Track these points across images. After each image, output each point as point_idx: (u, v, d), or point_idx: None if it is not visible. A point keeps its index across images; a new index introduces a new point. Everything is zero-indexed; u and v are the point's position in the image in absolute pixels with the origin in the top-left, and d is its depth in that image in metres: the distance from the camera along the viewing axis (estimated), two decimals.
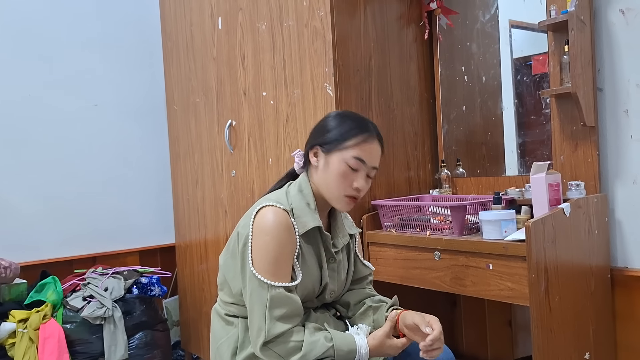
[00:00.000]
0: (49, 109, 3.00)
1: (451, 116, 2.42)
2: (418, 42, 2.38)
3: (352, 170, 1.50)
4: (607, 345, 1.93)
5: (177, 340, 3.29)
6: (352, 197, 1.52)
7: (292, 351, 1.40)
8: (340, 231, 1.63)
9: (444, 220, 1.92)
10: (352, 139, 1.51)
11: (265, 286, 1.41)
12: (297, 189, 1.56)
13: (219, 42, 2.67)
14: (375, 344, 1.47)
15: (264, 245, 1.44)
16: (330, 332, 1.46)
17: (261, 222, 1.47)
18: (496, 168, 2.36)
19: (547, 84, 2.07)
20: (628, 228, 1.94)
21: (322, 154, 1.54)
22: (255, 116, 2.45)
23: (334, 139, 1.53)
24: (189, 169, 3.01)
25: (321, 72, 2.10)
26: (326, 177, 1.52)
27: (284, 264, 1.45)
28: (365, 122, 1.56)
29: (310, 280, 1.53)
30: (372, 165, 1.54)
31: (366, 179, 1.54)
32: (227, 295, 1.59)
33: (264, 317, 1.40)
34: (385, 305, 1.60)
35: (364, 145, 1.51)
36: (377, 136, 1.56)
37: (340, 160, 1.51)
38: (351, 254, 1.68)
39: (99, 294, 2.58)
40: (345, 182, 1.50)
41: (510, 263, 1.65)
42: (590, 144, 1.93)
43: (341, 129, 1.53)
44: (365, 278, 1.72)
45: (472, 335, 2.48)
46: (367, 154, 1.52)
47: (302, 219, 1.50)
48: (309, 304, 1.58)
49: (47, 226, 2.98)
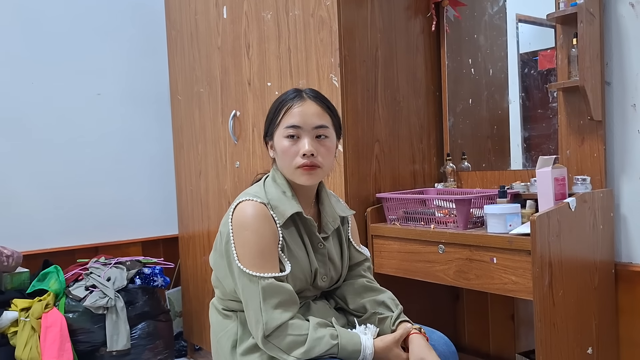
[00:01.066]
0: (53, 97, 2.99)
1: (457, 109, 2.40)
2: (425, 33, 2.36)
3: (292, 140, 1.48)
4: (610, 340, 1.93)
5: (179, 331, 3.29)
6: (303, 165, 1.47)
7: (294, 345, 1.38)
8: (329, 216, 1.60)
9: (448, 214, 1.91)
10: (279, 113, 1.51)
11: (255, 279, 1.40)
12: (271, 180, 1.55)
13: (224, 31, 2.65)
14: (383, 347, 1.45)
15: (246, 240, 1.43)
16: (336, 330, 1.43)
17: (240, 218, 1.46)
18: (502, 162, 2.34)
19: (554, 78, 2.05)
20: (633, 223, 1.93)
21: (271, 142, 1.55)
22: (259, 107, 2.44)
23: (269, 123, 1.55)
24: (192, 159, 3.00)
25: (327, 62, 2.08)
26: (279, 160, 1.52)
27: (269, 255, 1.44)
28: (296, 89, 1.55)
29: (299, 269, 1.51)
30: (313, 125, 1.49)
31: (316, 140, 1.49)
32: (221, 293, 1.59)
33: (259, 310, 1.39)
34: (391, 317, 1.55)
35: (291, 111, 1.49)
36: (308, 96, 1.52)
37: (279, 137, 1.50)
38: (344, 239, 1.65)
39: (101, 284, 2.58)
40: (289, 155, 1.48)
41: (514, 257, 1.64)
42: (597, 139, 1.92)
43: (272, 109, 1.55)
44: (360, 264, 1.68)
45: (474, 328, 2.47)
46: (298, 117, 1.48)
47: (280, 209, 1.48)
48: (306, 293, 1.56)
49: (49, 215, 2.98)
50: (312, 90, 1.55)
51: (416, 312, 1.75)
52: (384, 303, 1.60)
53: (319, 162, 1.49)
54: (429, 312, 2.35)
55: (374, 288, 1.65)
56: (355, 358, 1.42)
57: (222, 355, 1.55)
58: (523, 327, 2.31)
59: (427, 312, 2.33)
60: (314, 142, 1.49)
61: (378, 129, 2.18)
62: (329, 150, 1.52)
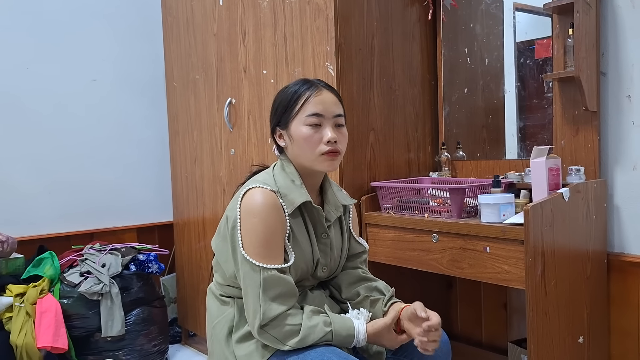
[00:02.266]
0: (47, 83, 2.97)
1: (453, 98, 2.40)
2: (421, 22, 2.35)
3: (314, 128, 1.48)
4: (601, 330, 1.95)
5: (174, 317, 3.30)
6: (329, 152, 1.48)
7: (289, 335, 1.39)
8: (332, 204, 1.60)
9: (442, 203, 1.92)
10: (298, 100, 1.49)
11: (257, 269, 1.40)
12: (280, 168, 1.55)
13: (220, 18, 2.64)
14: (374, 332, 1.46)
15: (253, 227, 1.43)
16: (329, 316, 1.45)
17: (249, 204, 1.45)
18: (496, 151, 2.35)
19: (550, 67, 2.05)
20: (626, 214, 1.94)
21: (284, 131, 1.53)
22: (255, 94, 2.43)
23: (284, 111, 1.52)
24: (187, 146, 3.00)
25: (323, 50, 2.08)
26: (297, 148, 1.50)
27: (275, 245, 1.44)
28: (305, 79, 1.54)
29: (302, 259, 1.51)
30: (333, 113, 1.50)
31: (335, 129, 1.50)
32: (221, 277, 1.59)
33: (258, 300, 1.39)
34: (383, 299, 1.57)
35: (312, 99, 1.48)
36: (324, 86, 1.53)
37: (298, 125, 1.49)
38: (345, 229, 1.66)
39: (96, 270, 2.58)
40: (313, 142, 1.48)
41: (507, 246, 1.65)
42: (591, 129, 1.92)
43: (285, 98, 1.52)
44: (358, 256, 1.69)
45: (467, 317, 2.49)
46: (320, 106, 1.49)
47: (289, 197, 1.48)
48: (305, 283, 1.57)
49: (44, 201, 2.97)
50: (320, 80, 1.56)
51: (409, 300, 1.76)
52: (377, 288, 1.62)
53: (339, 149, 1.51)
54: (422, 301, 2.35)
55: (368, 278, 1.67)
56: (349, 343, 1.44)
57: (217, 342, 1.55)
58: (515, 316, 2.32)
59: (420, 301, 2.34)
60: (336, 129, 1.50)
61: (373, 118, 2.18)
62: (345, 138, 1.54)
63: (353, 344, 1.45)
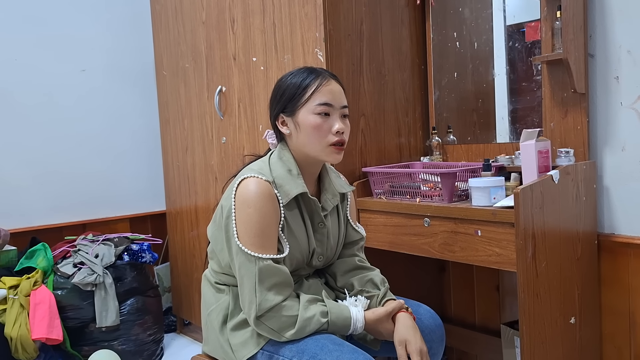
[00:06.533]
0: (37, 74, 2.95)
1: (442, 82, 2.40)
2: (410, 6, 2.35)
3: (323, 117, 1.47)
4: (592, 310, 1.97)
5: (168, 307, 3.31)
6: (337, 143, 1.48)
7: (286, 326, 1.39)
8: (329, 192, 1.60)
9: (434, 187, 1.93)
10: (307, 88, 1.48)
11: (252, 259, 1.40)
12: (277, 157, 1.53)
13: (208, 5, 2.62)
14: (374, 319, 1.47)
15: (248, 217, 1.42)
16: (326, 306, 1.45)
17: (243, 194, 1.44)
18: (487, 135, 2.35)
19: (539, 50, 2.05)
20: (615, 195, 1.95)
21: (289, 119, 1.51)
22: (245, 82, 2.42)
23: (291, 98, 1.50)
24: (178, 135, 2.99)
25: (312, 36, 2.07)
26: (304, 137, 1.49)
27: (269, 235, 1.43)
28: (313, 68, 1.53)
29: (298, 250, 1.51)
30: (341, 104, 1.51)
31: (342, 119, 1.50)
32: (217, 265, 1.59)
33: (254, 290, 1.39)
34: (377, 296, 1.57)
35: (322, 88, 1.48)
36: (332, 76, 1.52)
37: (307, 114, 1.47)
38: (342, 217, 1.66)
39: (89, 261, 2.59)
40: (322, 132, 1.47)
41: (498, 229, 1.66)
42: (580, 111, 1.93)
43: (293, 86, 1.50)
44: (355, 243, 1.69)
45: (460, 300, 2.51)
46: (330, 95, 1.48)
47: (285, 188, 1.47)
48: (301, 272, 1.58)
49: (36, 193, 2.96)
50: (325, 69, 1.55)
51: (402, 285, 1.78)
52: (372, 281, 1.61)
53: (345, 140, 1.51)
54: (415, 285, 2.38)
55: (364, 267, 1.67)
56: (346, 331, 1.45)
57: (212, 329, 1.56)
58: (508, 298, 2.34)
59: (413, 285, 2.36)
60: (343, 120, 1.51)
61: (363, 103, 2.18)
62: (349, 129, 1.54)
63: (350, 331, 1.46)
